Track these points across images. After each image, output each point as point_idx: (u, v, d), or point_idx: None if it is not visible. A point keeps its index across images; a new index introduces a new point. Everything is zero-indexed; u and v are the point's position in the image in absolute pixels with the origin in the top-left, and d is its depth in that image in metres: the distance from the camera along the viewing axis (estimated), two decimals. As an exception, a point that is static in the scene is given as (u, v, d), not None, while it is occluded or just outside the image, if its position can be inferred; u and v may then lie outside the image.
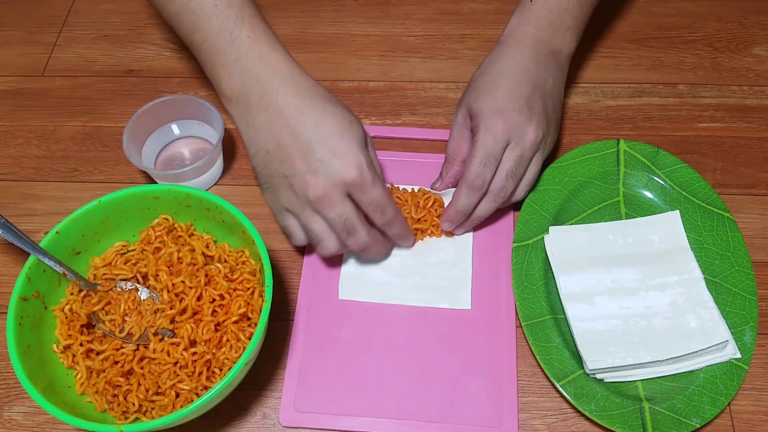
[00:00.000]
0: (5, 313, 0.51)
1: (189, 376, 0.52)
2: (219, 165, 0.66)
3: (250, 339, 0.52)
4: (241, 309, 0.53)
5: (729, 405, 0.54)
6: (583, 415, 0.54)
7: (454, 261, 0.61)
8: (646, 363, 0.54)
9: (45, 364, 0.51)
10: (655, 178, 0.63)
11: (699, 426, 0.52)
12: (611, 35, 0.76)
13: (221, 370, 0.52)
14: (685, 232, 0.60)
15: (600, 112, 0.70)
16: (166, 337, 0.53)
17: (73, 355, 0.53)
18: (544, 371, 0.54)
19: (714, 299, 0.56)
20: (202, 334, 0.52)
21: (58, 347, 0.53)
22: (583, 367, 0.54)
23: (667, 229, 0.60)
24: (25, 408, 0.56)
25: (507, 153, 0.57)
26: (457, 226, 0.60)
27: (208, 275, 0.55)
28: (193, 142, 0.68)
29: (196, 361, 0.52)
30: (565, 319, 0.57)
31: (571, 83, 0.72)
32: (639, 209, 0.62)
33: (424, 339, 0.57)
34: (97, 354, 0.53)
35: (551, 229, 0.60)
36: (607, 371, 0.54)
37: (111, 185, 0.67)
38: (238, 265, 0.56)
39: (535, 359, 0.55)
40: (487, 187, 0.57)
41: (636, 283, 0.58)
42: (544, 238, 0.60)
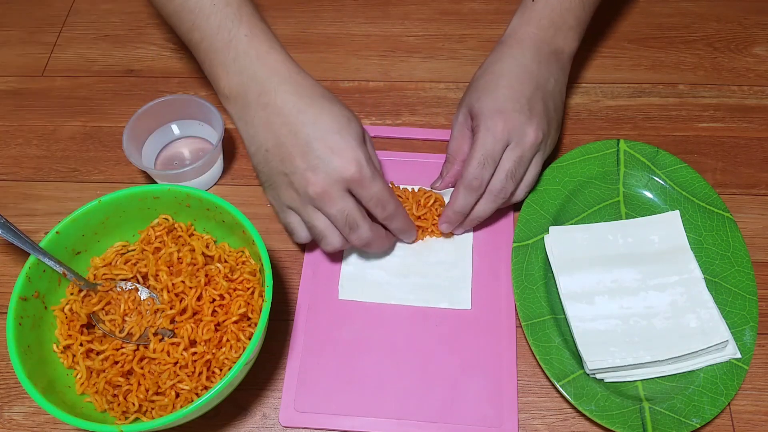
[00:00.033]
0: (5, 313, 0.51)
1: (189, 376, 0.52)
2: (219, 165, 0.66)
3: (250, 339, 0.52)
4: (241, 309, 0.53)
5: (729, 405, 0.54)
6: (583, 415, 0.54)
7: (454, 261, 0.61)
8: (646, 363, 0.54)
9: (45, 364, 0.51)
10: (655, 178, 0.63)
11: (699, 426, 0.52)
12: (611, 35, 0.76)
13: (221, 370, 0.52)
14: (685, 232, 0.60)
15: (600, 112, 0.70)
16: (166, 337, 0.53)
17: (73, 355, 0.53)
18: (544, 371, 0.54)
19: (714, 299, 0.56)
20: (202, 334, 0.52)
21: (58, 347, 0.53)
22: (583, 367, 0.54)
23: (667, 229, 0.60)
24: (25, 408, 0.56)
25: (507, 153, 0.56)
26: (456, 226, 0.60)
27: (208, 275, 0.55)
28: (193, 142, 0.68)
29: (196, 361, 0.52)
30: (565, 319, 0.57)
31: (572, 83, 0.71)
32: (639, 209, 0.62)
33: (424, 339, 0.57)
34: (97, 354, 0.53)
35: (551, 229, 0.60)
36: (607, 371, 0.54)
37: (111, 185, 0.67)
38: (238, 265, 0.56)
39: (535, 359, 0.55)
40: (485, 188, 0.57)
41: (636, 283, 0.58)
42: (544, 238, 0.60)
